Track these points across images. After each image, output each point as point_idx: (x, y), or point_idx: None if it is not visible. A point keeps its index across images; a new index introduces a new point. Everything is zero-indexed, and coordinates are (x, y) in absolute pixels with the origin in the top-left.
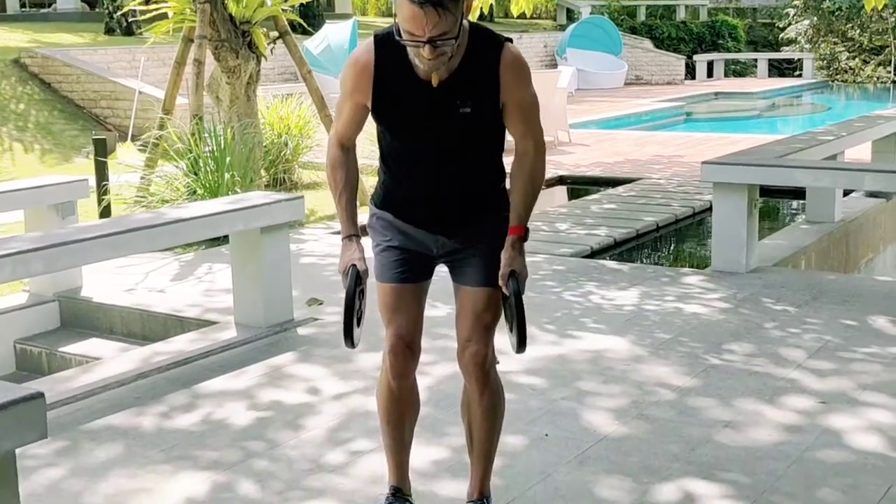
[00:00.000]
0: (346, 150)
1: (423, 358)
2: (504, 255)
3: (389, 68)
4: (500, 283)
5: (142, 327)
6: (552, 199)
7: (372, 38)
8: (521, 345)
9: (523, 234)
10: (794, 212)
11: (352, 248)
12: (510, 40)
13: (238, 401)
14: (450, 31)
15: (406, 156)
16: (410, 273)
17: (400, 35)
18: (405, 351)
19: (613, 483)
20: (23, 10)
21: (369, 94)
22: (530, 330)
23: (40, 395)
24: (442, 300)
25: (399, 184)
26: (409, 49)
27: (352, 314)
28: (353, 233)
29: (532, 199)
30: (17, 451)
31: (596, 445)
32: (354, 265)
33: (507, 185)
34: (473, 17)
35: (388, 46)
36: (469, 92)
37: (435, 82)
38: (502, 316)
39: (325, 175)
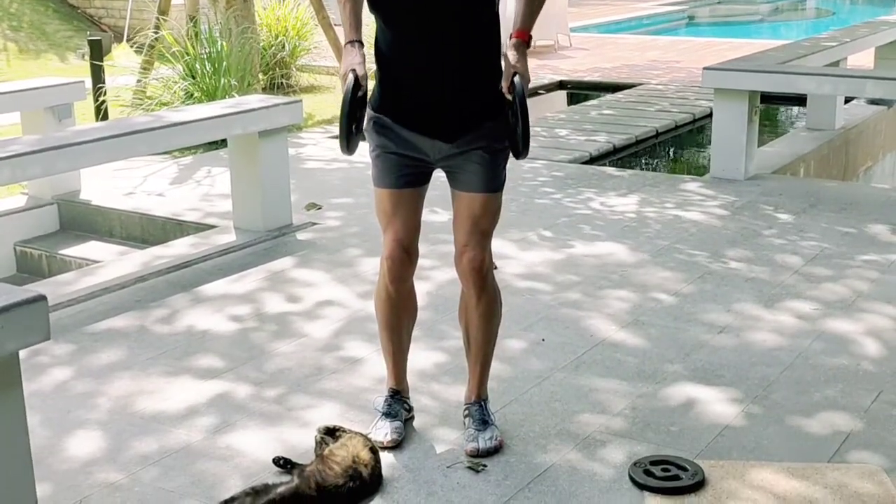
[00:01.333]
0: None
1: (423, 263)
2: (508, 57)
3: None
4: (504, 84)
5: (141, 231)
6: (551, 105)
7: None
8: (524, 148)
9: (527, 39)
10: (794, 118)
11: (353, 53)
12: None
13: (238, 305)
14: None
15: (403, 49)
16: (408, 178)
17: None
18: (402, 255)
19: (608, 387)
20: None
21: None
22: (529, 235)
23: (42, 298)
24: (442, 206)
25: (397, 81)
26: None
27: (349, 119)
28: (356, 38)
29: (537, 7)
30: (22, 352)
31: (592, 350)
32: (354, 70)
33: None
34: None
35: None
36: None
37: None
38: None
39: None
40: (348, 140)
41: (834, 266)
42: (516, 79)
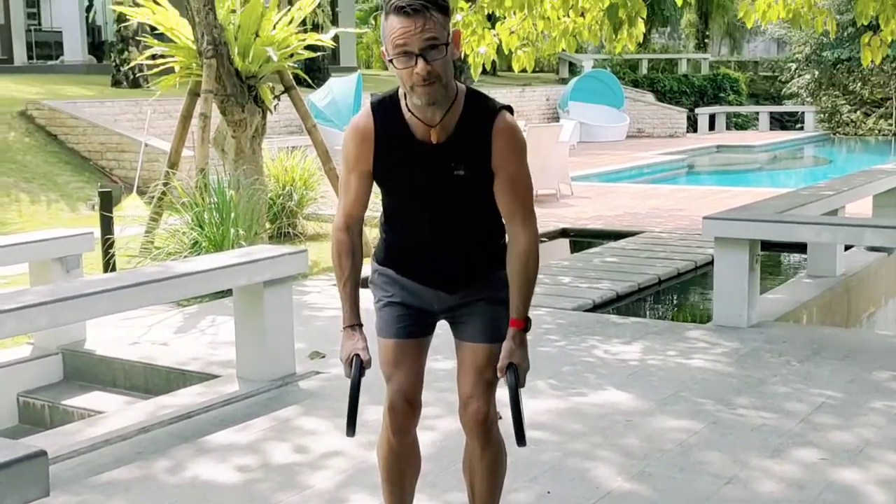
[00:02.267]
0: (352, 234)
1: (428, 412)
2: (504, 347)
3: (389, 131)
4: (499, 374)
5: (145, 381)
6: (554, 252)
7: (368, 105)
8: (519, 439)
9: (523, 327)
10: (795, 265)
11: (354, 337)
12: (509, 108)
13: (241, 456)
14: (439, 37)
15: (406, 215)
16: (412, 328)
17: (392, 62)
18: (405, 407)
19: None
20: (30, 61)
21: (372, 158)
22: (534, 383)
23: (43, 454)
24: (444, 354)
25: (400, 241)
26: (403, 83)
27: (356, 404)
28: (356, 322)
29: (528, 288)
30: None
31: (598, 503)
32: (358, 355)
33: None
34: (476, 73)
35: (384, 110)
36: (463, 155)
37: (435, 139)
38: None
39: (331, 256)
40: (354, 423)
41: (840, 414)
42: (515, 368)
